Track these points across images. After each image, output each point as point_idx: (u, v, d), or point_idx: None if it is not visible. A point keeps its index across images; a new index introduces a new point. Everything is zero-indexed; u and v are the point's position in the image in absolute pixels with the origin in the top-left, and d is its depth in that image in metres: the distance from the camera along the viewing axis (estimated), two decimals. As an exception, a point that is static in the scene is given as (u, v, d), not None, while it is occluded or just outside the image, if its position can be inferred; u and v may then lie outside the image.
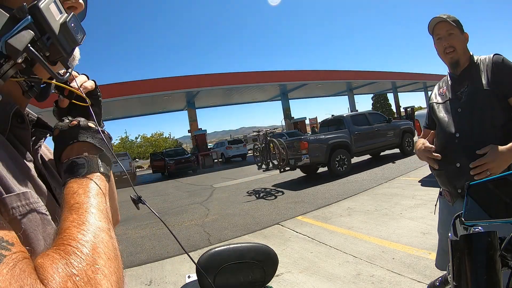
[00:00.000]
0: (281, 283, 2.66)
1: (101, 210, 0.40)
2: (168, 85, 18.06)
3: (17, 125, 0.45)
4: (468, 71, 1.40)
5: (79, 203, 0.39)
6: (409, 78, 29.10)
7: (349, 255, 3.04)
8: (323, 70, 24.78)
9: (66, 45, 0.42)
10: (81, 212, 0.38)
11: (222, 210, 6.07)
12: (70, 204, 0.39)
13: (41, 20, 0.39)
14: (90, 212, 0.38)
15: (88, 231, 0.35)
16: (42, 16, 0.39)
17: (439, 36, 1.42)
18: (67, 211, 0.38)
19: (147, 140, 39.53)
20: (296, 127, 22.73)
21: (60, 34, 0.41)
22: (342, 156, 8.03)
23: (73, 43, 0.43)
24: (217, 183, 10.38)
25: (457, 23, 1.40)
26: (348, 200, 5.35)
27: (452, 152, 1.36)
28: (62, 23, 0.41)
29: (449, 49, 1.39)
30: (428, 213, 3.90)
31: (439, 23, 1.41)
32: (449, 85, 1.48)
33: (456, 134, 1.35)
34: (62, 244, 0.33)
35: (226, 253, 0.77)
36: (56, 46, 0.41)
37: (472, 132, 1.31)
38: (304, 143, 7.62)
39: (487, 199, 0.63)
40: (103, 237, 0.36)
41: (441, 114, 1.46)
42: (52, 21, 0.40)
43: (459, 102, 1.39)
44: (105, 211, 0.41)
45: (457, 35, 1.38)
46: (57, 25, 0.41)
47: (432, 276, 2.31)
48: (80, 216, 0.37)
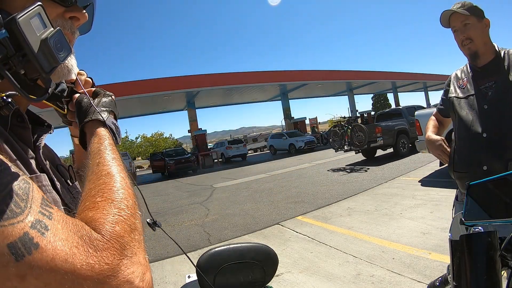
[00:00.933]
0: (281, 283, 2.66)
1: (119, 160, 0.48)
2: (168, 85, 18.06)
3: (17, 124, 0.46)
4: (494, 65, 1.28)
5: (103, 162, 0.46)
6: (409, 78, 29.09)
7: (349, 255, 3.04)
8: (323, 70, 24.80)
9: (44, 63, 0.38)
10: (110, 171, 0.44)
11: (222, 210, 6.07)
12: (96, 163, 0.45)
13: (18, 35, 0.35)
14: (116, 172, 0.44)
15: (121, 188, 0.41)
16: (19, 31, 0.35)
17: (455, 28, 1.33)
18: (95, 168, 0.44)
19: (147, 140, 39.52)
20: (296, 127, 22.73)
21: (39, 51, 0.37)
22: (403, 140, 9.93)
23: (54, 62, 0.40)
24: (217, 183, 10.38)
25: (473, 10, 1.28)
26: (348, 200, 5.34)
27: (478, 154, 1.25)
28: (43, 39, 0.38)
29: (467, 41, 1.29)
30: (428, 213, 3.90)
31: (452, 15, 1.31)
32: (470, 77, 1.36)
33: (483, 134, 1.23)
34: (106, 199, 0.38)
35: (226, 253, 0.77)
36: (33, 64, 0.37)
37: (501, 132, 1.20)
38: (379, 128, 9.56)
39: (487, 199, 0.63)
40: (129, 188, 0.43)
41: (464, 111, 1.33)
42: (31, 37, 0.37)
43: (485, 98, 1.27)
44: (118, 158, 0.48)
45: (474, 24, 1.28)
46: (37, 41, 0.37)
47: (432, 276, 2.31)
48: (111, 177, 0.43)
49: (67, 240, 0.31)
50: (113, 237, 0.34)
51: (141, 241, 0.38)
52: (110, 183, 0.41)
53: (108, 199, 0.38)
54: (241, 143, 21.13)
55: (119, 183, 0.42)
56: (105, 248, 0.33)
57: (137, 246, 0.36)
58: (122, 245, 0.34)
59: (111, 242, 0.34)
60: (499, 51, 1.30)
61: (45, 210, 0.32)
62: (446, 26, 1.37)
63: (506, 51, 1.29)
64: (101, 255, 0.32)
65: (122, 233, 0.35)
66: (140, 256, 0.36)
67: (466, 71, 1.40)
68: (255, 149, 32.44)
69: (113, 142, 0.52)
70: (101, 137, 0.50)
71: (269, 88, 22.52)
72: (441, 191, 4.76)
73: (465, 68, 1.42)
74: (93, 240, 0.33)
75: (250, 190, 7.90)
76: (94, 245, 0.32)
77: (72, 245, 0.31)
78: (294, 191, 6.93)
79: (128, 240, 0.35)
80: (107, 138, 0.51)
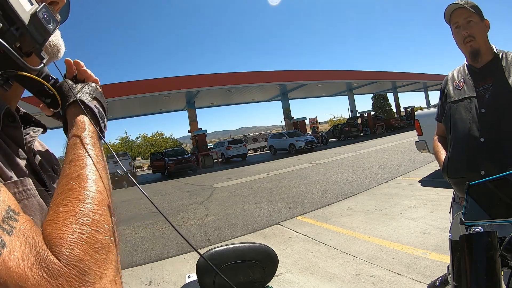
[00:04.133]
0: (281, 283, 2.66)
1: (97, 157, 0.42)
2: (168, 85, 18.06)
3: (9, 124, 0.45)
4: (491, 66, 1.25)
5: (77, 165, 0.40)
6: (409, 78, 29.08)
7: (349, 255, 3.04)
8: (323, 70, 24.78)
9: (37, 35, 0.42)
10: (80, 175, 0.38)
11: (222, 210, 6.07)
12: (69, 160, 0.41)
13: (9, 11, 0.39)
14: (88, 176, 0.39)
15: (88, 196, 0.36)
16: (10, 6, 0.39)
17: (457, 24, 1.29)
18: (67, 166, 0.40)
19: (147, 140, 39.53)
20: (296, 127, 22.72)
21: (30, 24, 0.41)
22: None
23: (45, 33, 0.43)
24: (217, 183, 10.38)
25: (476, 9, 1.26)
26: (348, 200, 5.34)
27: (475, 158, 1.22)
28: (32, 13, 0.41)
29: (469, 38, 1.25)
30: (428, 213, 3.90)
31: (457, 10, 1.27)
32: (467, 78, 1.33)
33: (481, 138, 1.20)
34: (69, 211, 0.33)
35: (226, 253, 0.77)
36: (27, 37, 0.41)
37: (499, 136, 1.17)
38: None
39: (487, 199, 0.63)
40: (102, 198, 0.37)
41: (460, 114, 1.29)
42: (21, 12, 0.40)
43: (482, 101, 1.23)
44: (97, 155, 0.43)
45: (477, 22, 1.25)
46: (27, 16, 0.41)
47: (432, 276, 2.31)
48: (81, 182, 0.37)
49: (22, 260, 0.28)
50: (71, 262, 0.30)
51: (110, 260, 0.33)
52: (77, 189, 0.36)
53: (71, 210, 0.33)
54: (241, 143, 21.12)
55: (89, 189, 0.36)
56: (61, 274, 0.29)
57: (104, 268, 0.32)
58: (82, 270, 0.30)
59: (69, 268, 0.29)
60: (497, 53, 1.28)
61: (6, 224, 0.29)
62: (448, 22, 1.34)
63: (504, 53, 1.27)
64: (56, 283, 0.28)
65: (82, 256, 0.30)
66: (106, 280, 0.31)
67: (463, 71, 1.36)
68: (255, 149, 32.43)
69: (94, 130, 0.46)
70: (79, 127, 0.44)
71: (269, 88, 22.51)
72: (441, 191, 4.76)
73: (461, 69, 1.39)
74: (48, 263, 0.29)
75: (250, 190, 7.90)
76: (49, 269, 0.28)
77: (26, 266, 0.28)
78: (294, 191, 6.93)
79: (90, 263, 0.31)
80: (86, 127, 0.45)
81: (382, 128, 24.91)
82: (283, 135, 20.47)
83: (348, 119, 25.60)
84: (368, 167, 8.57)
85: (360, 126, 25.88)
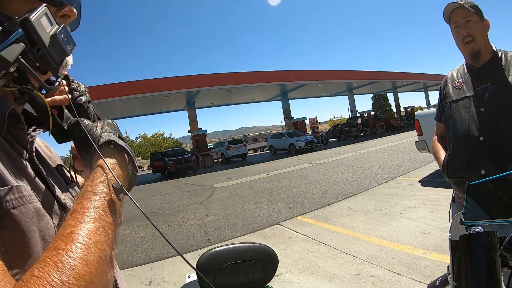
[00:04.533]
0: (281, 283, 2.66)
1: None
2: (168, 85, 18.06)
3: (13, 125, 0.46)
4: (491, 66, 1.25)
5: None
6: (409, 78, 29.09)
7: (349, 255, 3.04)
8: (323, 70, 24.79)
9: (55, 56, 0.44)
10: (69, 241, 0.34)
11: (222, 210, 6.07)
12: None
13: (32, 33, 0.41)
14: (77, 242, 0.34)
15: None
16: (33, 29, 0.41)
17: (456, 24, 1.27)
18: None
19: (147, 140, 39.54)
20: (296, 127, 22.73)
21: (50, 45, 0.43)
22: None
23: (62, 54, 0.45)
24: (217, 183, 10.38)
25: (476, 8, 1.25)
26: (348, 200, 5.34)
27: (475, 158, 1.22)
28: (52, 35, 0.43)
29: (468, 38, 1.24)
30: (428, 213, 3.90)
31: (456, 10, 1.26)
32: (466, 78, 1.32)
33: (480, 138, 1.20)
34: (40, 278, 0.29)
35: (226, 253, 0.77)
36: (46, 57, 0.43)
37: (499, 136, 1.17)
38: None
39: (487, 199, 0.63)
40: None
41: (460, 113, 1.29)
42: (43, 34, 0.42)
43: (481, 100, 1.22)
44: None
45: (476, 22, 1.24)
46: (47, 37, 0.43)
47: (432, 276, 2.31)
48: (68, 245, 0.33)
49: None
50: None
51: None
52: (61, 252, 0.32)
53: (43, 278, 0.29)
54: (241, 143, 21.12)
55: (73, 255, 0.32)
56: None
57: None
58: None
59: None
60: (496, 52, 1.27)
61: None
62: (447, 21, 1.33)
63: (503, 52, 1.26)
64: None
65: None
66: None
67: (463, 71, 1.35)
68: (255, 149, 32.43)
69: (118, 175, 0.44)
70: (96, 172, 0.43)
71: (269, 88, 22.52)
72: (441, 191, 4.76)
73: (461, 68, 1.38)
74: None
75: (250, 190, 7.90)
76: None
77: None
78: (294, 191, 6.93)
79: None
80: (104, 174, 0.43)
81: (382, 128, 24.92)
82: (283, 135, 20.47)
83: (348, 119, 25.63)
84: (368, 167, 8.57)
85: (360, 126, 25.91)
